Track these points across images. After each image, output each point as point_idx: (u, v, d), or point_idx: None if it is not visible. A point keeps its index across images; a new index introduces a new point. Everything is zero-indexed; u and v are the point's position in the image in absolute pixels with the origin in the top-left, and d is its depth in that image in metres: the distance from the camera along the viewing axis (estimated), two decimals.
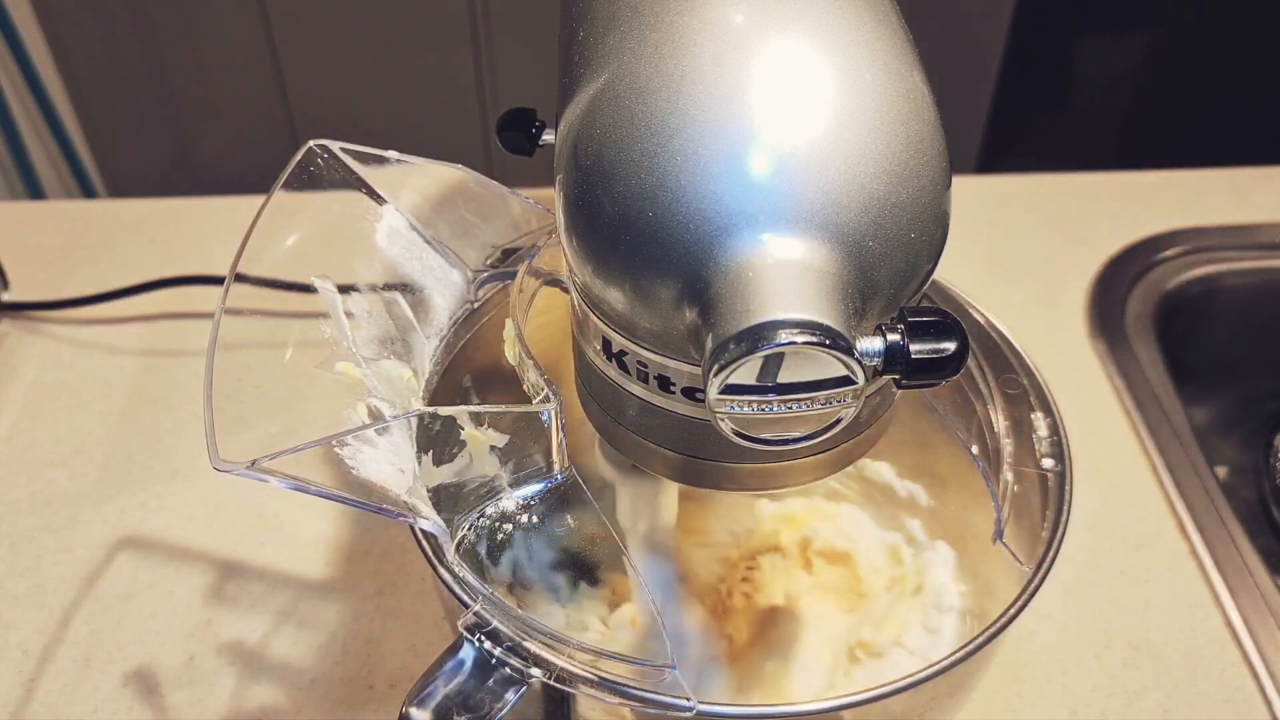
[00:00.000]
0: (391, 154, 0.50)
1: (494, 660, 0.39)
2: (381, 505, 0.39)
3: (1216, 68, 1.75)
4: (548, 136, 0.48)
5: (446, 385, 0.50)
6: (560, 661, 0.39)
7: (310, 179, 0.47)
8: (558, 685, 0.39)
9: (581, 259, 0.34)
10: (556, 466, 0.43)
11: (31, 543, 0.65)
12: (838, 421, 0.31)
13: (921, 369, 0.31)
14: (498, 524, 0.43)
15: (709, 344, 0.29)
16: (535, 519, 0.44)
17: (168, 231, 0.89)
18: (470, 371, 0.53)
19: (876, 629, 0.57)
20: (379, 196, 0.49)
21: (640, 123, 0.31)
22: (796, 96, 0.30)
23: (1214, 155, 0.96)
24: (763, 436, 0.31)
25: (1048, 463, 0.48)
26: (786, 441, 0.32)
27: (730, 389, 0.29)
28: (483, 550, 0.53)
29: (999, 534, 0.46)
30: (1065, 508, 0.45)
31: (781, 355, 0.29)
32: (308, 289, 0.46)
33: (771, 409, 0.30)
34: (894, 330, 0.31)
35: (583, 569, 0.59)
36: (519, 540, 0.58)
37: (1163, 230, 0.85)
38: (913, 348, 0.30)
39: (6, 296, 0.81)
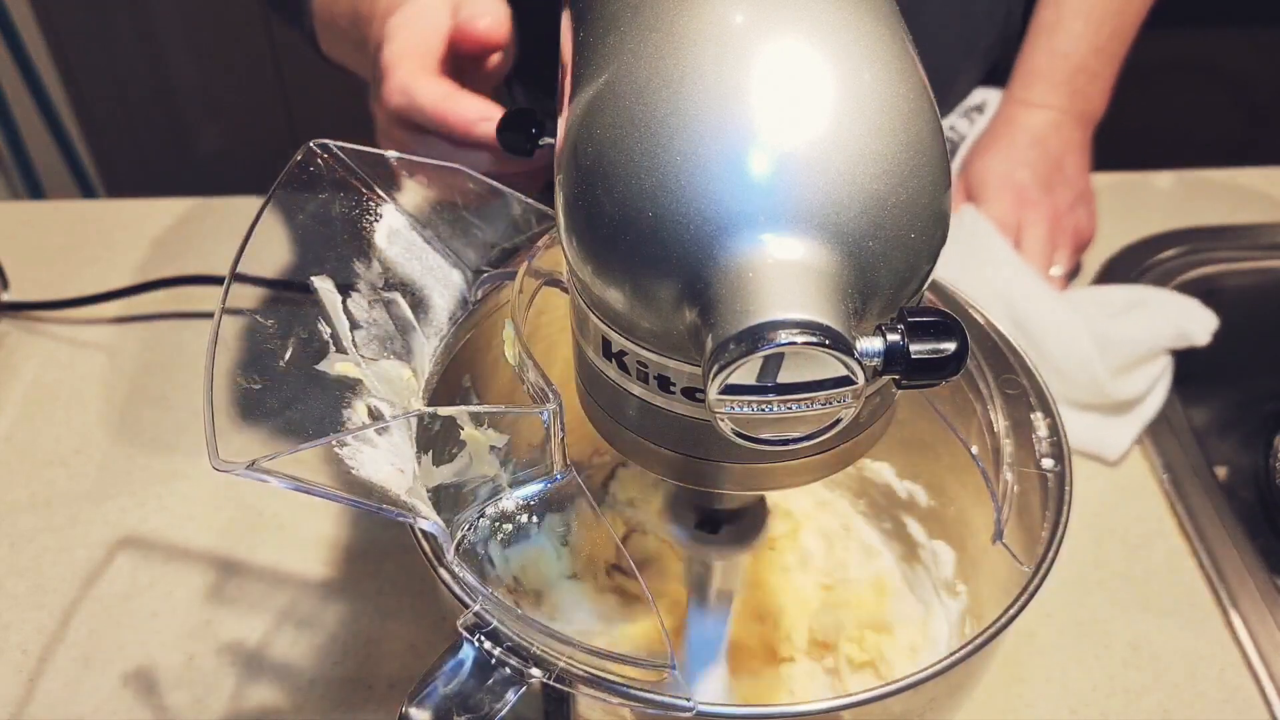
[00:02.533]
0: (391, 154, 0.50)
1: (494, 660, 0.39)
2: (381, 505, 0.39)
3: (1216, 68, 1.75)
4: (547, 137, 0.48)
5: (446, 385, 0.50)
6: (560, 661, 0.39)
7: (310, 179, 0.47)
8: (557, 685, 0.39)
9: (581, 259, 0.34)
10: (556, 466, 0.43)
11: (31, 543, 0.65)
12: (837, 421, 0.31)
13: (921, 369, 0.31)
14: (497, 524, 0.43)
15: (709, 344, 0.29)
16: (535, 519, 0.44)
17: (168, 231, 0.89)
18: (470, 371, 0.53)
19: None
20: (379, 196, 0.49)
21: (640, 123, 0.31)
22: (796, 97, 0.30)
23: (1213, 155, 0.96)
24: (763, 436, 0.31)
25: (1047, 463, 0.48)
26: (786, 441, 0.32)
27: (730, 389, 0.29)
28: (482, 550, 0.53)
29: (999, 534, 0.46)
30: (1065, 508, 0.45)
31: (781, 355, 0.29)
32: (308, 289, 0.46)
33: (771, 409, 0.30)
34: (894, 330, 0.31)
35: (582, 569, 0.59)
36: (518, 540, 0.58)
37: (1163, 230, 0.85)
38: (912, 348, 0.30)
39: (6, 296, 0.81)
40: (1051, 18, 0.81)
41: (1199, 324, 0.69)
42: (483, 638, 0.39)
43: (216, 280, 0.79)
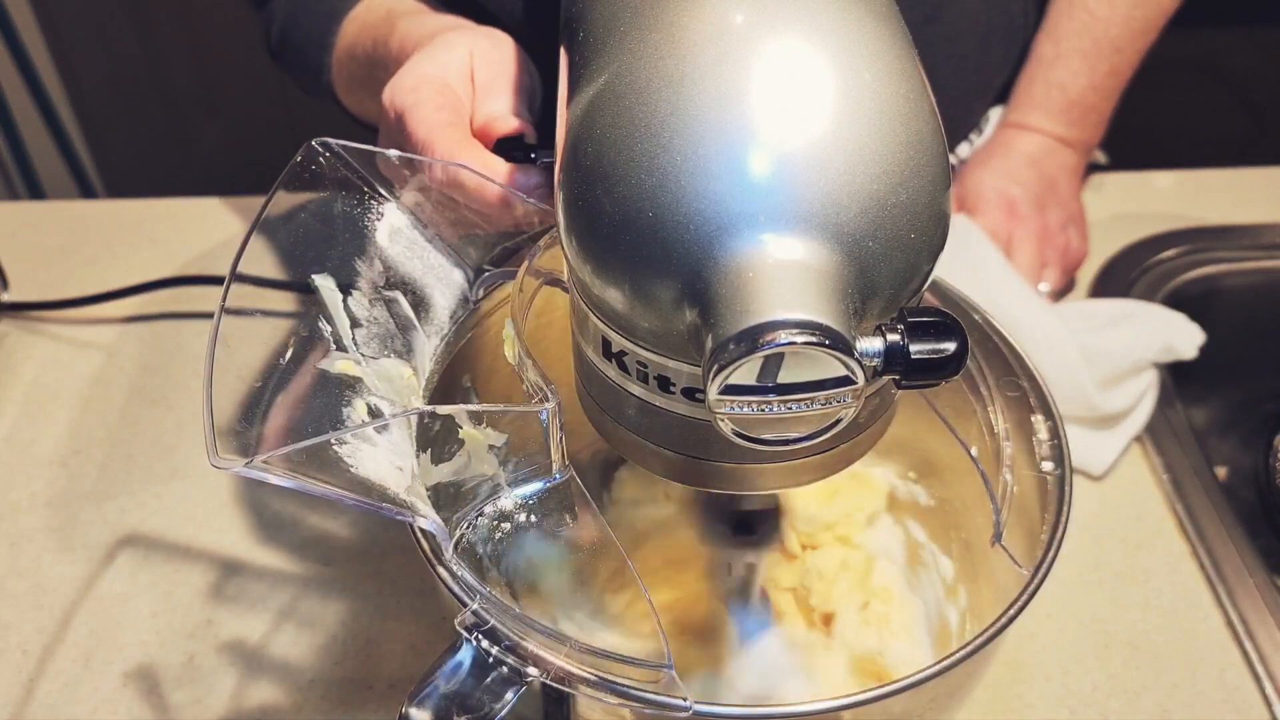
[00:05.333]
0: (393, 152, 0.50)
1: (492, 660, 0.39)
2: (380, 504, 0.39)
3: (1218, 67, 1.75)
4: (544, 155, 0.49)
5: (446, 384, 0.50)
6: (558, 661, 0.39)
7: (311, 178, 0.47)
8: (556, 685, 0.39)
9: (581, 259, 0.34)
10: (555, 466, 0.43)
11: (31, 543, 0.65)
12: (837, 421, 0.31)
13: (921, 369, 0.31)
14: (496, 523, 0.43)
15: (709, 344, 0.29)
16: (533, 518, 0.44)
17: (168, 231, 0.89)
18: (470, 371, 0.53)
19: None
20: (380, 195, 0.49)
21: (640, 123, 0.31)
22: (796, 97, 0.30)
23: (1215, 155, 0.96)
24: (763, 436, 0.31)
25: (1047, 466, 0.48)
26: (786, 441, 0.32)
27: (730, 389, 0.29)
28: (481, 549, 0.53)
29: (997, 536, 0.46)
30: (1064, 511, 0.45)
31: (781, 355, 0.29)
32: (308, 288, 0.46)
33: (771, 409, 0.30)
34: (894, 330, 0.31)
35: (580, 568, 0.59)
36: (517, 539, 0.58)
37: (1163, 230, 0.85)
38: (912, 348, 0.30)
39: (6, 296, 0.81)
40: (1050, 53, 0.81)
41: (1186, 338, 0.70)
42: (480, 636, 0.39)
43: (216, 280, 0.79)
